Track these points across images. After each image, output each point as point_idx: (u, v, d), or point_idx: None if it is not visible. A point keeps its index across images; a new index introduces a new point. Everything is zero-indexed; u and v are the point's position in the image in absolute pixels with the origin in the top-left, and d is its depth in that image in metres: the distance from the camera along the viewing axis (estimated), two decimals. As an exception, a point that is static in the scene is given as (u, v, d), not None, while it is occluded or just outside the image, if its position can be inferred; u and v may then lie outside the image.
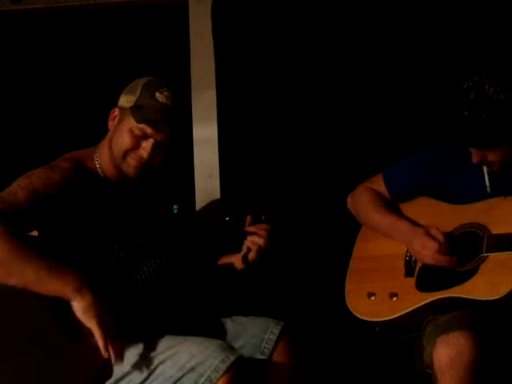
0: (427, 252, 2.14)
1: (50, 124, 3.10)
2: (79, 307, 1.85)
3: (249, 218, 2.17)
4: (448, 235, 2.16)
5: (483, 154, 2.11)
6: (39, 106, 3.11)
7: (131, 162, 2.09)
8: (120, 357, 1.87)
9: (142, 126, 2.07)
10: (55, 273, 1.87)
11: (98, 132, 2.22)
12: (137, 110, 2.07)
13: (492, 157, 2.11)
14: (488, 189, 2.20)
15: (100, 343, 1.84)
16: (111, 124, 2.14)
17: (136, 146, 2.09)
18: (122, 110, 2.12)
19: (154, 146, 2.09)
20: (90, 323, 1.84)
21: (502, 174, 2.18)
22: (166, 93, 2.09)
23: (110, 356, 1.85)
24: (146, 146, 2.08)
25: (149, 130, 2.07)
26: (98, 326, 1.84)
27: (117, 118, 2.13)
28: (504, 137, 2.05)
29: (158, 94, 2.08)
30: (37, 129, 3.11)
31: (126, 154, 2.09)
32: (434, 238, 2.14)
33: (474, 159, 2.14)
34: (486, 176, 2.20)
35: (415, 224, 2.24)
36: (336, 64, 2.99)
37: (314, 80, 3.00)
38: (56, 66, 3.09)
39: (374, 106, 2.99)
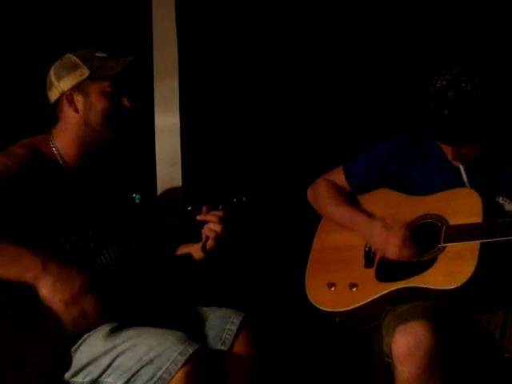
0: (391, 248, 2.14)
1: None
2: (44, 293, 1.84)
3: (205, 208, 2.15)
4: (407, 226, 2.17)
5: (459, 151, 2.12)
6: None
7: (114, 123, 2.13)
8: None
9: (112, 82, 2.11)
10: (15, 257, 1.85)
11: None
12: (100, 72, 2.11)
13: (466, 152, 2.13)
14: (467, 184, 2.20)
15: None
16: (74, 107, 2.12)
17: (115, 103, 2.12)
18: (79, 86, 2.11)
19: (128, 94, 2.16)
20: (56, 309, 1.83)
21: (475, 168, 2.19)
22: (99, 52, 2.16)
23: None
24: (123, 96, 2.14)
25: (120, 83, 2.13)
26: (64, 310, 1.83)
27: (79, 97, 2.12)
28: (481, 133, 2.07)
29: (98, 54, 2.14)
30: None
31: (109, 116, 2.11)
32: (394, 233, 2.14)
33: (450, 156, 2.14)
34: (464, 173, 2.20)
35: (373, 216, 2.25)
36: (300, 54, 2.99)
37: (278, 69, 3.00)
38: (13, 52, 3.03)
39: (336, 97, 3.00)
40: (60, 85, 2.12)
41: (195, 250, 2.19)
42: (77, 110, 2.12)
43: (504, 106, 2.09)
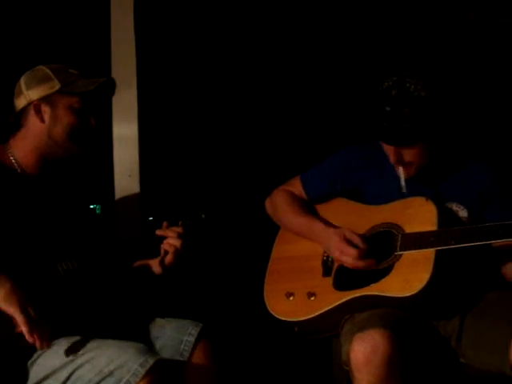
0: (347, 258, 2.14)
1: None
2: None
3: (165, 224, 2.17)
4: (363, 236, 2.18)
5: (400, 153, 2.14)
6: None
7: (78, 140, 2.13)
8: (46, 342, 1.83)
9: (81, 99, 2.11)
10: None
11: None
12: (71, 88, 2.11)
13: (408, 156, 2.14)
14: (404, 189, 2.22)
15: (24, 329, 1.80)
16: (40, 117, 2.11)
17: (81, 120, 2.13)
18: (48, 98, 2.11)
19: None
20: (12, 310, 1.81)
21: (418, 177, 2.21)
22: (72, 69, 2.16)
23: (35, 342, 1.81)
24: (90, 115, 2.14)
25: (89, 101, 2.13)
26: (20, 313, 1.80)
27: (46, 108, 2.11)
28: (422, 134, 2.09)
29: (71, 71, 2.14)
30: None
31: (73, 132, 2.12)
32: (351, 244, 2.15)
33: (391, 158, 2.16)
34: (402, 177, 2.22)
35: (330, 225, 2.26)
36: (258, 64, 3.01)
37: (236, 80, 3.01)
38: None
39: (294, 109, 3.02)
40: (29, 94, 2.11)
41: (153, 265, 2.19)
42: (43, 121, 2.11)
43: (452, 113, 2.14)
